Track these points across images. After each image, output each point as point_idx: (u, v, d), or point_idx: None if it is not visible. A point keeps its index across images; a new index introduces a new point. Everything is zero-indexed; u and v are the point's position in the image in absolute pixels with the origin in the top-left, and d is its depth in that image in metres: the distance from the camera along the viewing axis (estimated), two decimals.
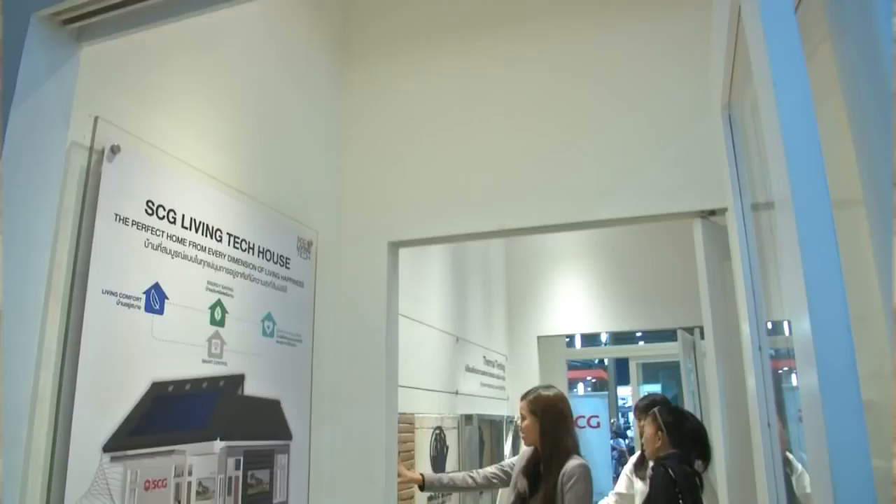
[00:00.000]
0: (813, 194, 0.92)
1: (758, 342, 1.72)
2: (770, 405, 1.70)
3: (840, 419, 0.78)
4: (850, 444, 0.77)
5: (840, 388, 0.80)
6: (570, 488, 2.77)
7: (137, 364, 1.62)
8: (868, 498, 0.74)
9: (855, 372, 0.80)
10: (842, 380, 0.80)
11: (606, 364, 16.57)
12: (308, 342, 2.39)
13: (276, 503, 2.10)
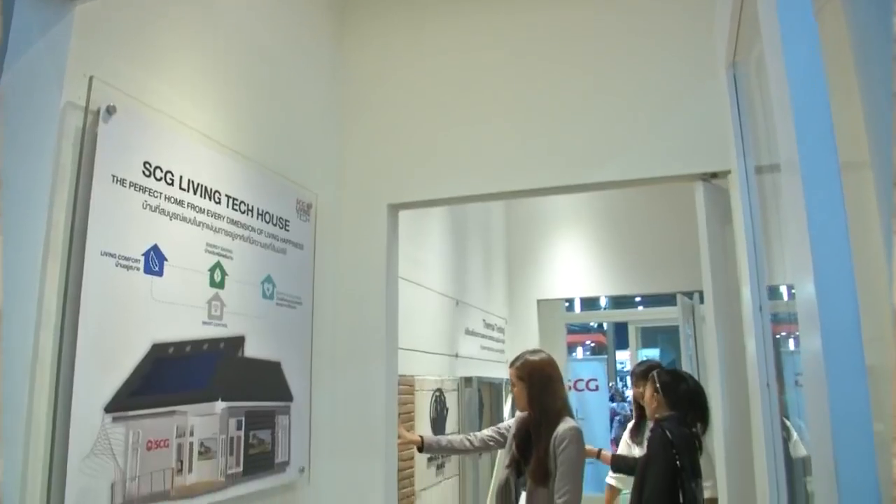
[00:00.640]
0: (820, 155, 0.90)
1: (758, 303, 1.72)
2: (770, 366, 1.70)
3: (843, 383, 0.78)
4: (853, 408, 0.77)
5: (844, 353, 0.79)
6: (562, 451, 2.79)
7: (137, 325, 1.62)
8: (868, 461, 0.74)
9: (859, 336, 0.79)
10: (846, 344, 0.80)
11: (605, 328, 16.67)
12: (308, 304, 2.39)
13: (278, 463, 2.13)
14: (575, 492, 2.73)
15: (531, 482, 2.85)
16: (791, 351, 1.97)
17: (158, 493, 1.63)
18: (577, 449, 2.79)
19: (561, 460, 2.76)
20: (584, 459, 2.86)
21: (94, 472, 1.46)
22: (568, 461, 2.76)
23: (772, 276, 1.88)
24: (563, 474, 2.74)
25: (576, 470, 2.77)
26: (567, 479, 2.73)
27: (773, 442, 1.67)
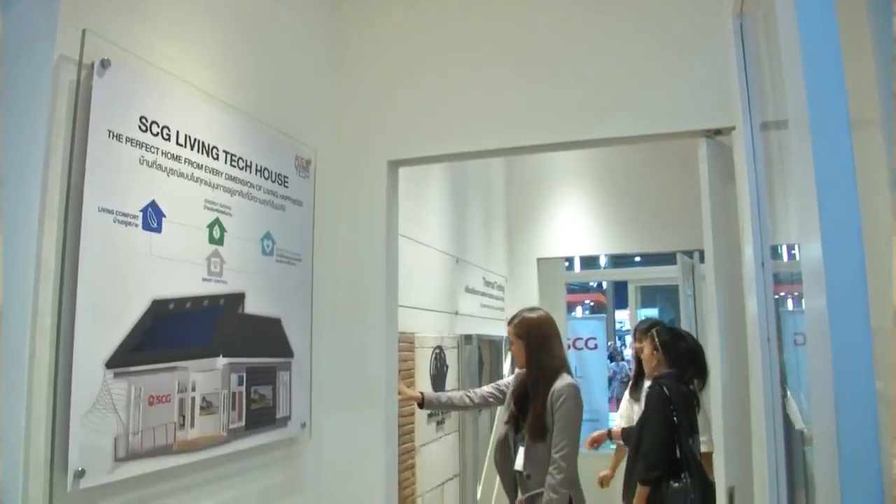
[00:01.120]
0: (831, 111, 0.88)
1: (760, 258, 1.71)
2: (771, 321, 1.70)
3: (847, 344, 0.77)
4: (856, 369, 0.77)
5: (849, 313, 0.78)
6: (559, 407, 2.82)
7: (137, 282, 1.62)
8: (870, 420, 0.74)
9: (865, 296, 0.79)
10: (851, 305, 0.79)
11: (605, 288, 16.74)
12: (308, 261, 2.39)
13: (279, 418, 2.15)
14: (571, 446, 2.78)
15: (529, 437, 2.89)
16: (789, 311, 1.98)
17: (161, 447, 1.65)
18: (573, 405, 2.83)
19: (558, 416, 2.80)
20: (581, 415, 2.90)
21: (96, 426, 1.48)
22: (565, 417, 2.79)
23: (773, 236, 1.87)
24: (560, 430, 2.78)
25: (572, 425, 2.81)
26: (564, 434, 2.77)
27: (772, 396, 1.68)
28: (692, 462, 3.14)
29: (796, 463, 1.76)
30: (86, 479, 1.44)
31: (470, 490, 4.01)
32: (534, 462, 2.88)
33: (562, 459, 2.74)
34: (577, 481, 2.85)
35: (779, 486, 1.59)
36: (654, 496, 3.13)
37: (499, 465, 3.09)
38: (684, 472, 3.12)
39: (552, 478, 2.73)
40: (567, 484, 2.75)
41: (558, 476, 2.73)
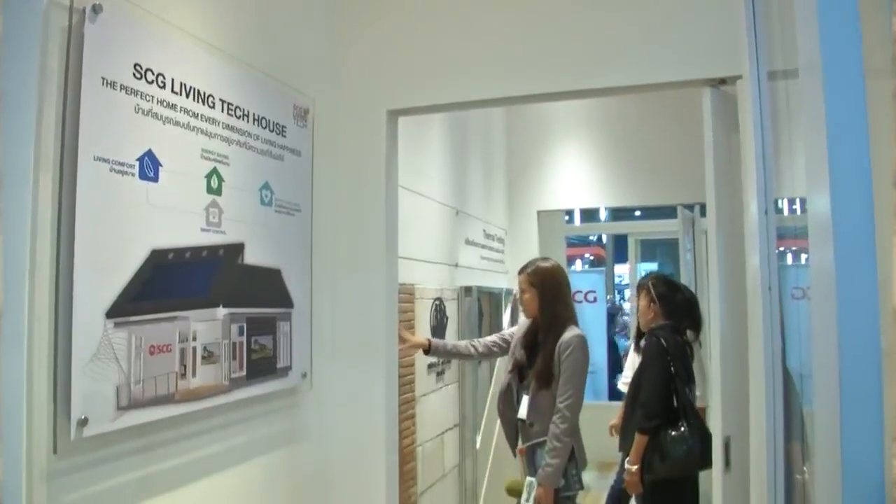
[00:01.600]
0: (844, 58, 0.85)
1: (764, 206, 1.69)
2: (773, 268, 1.69)
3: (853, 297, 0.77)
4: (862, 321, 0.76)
5: (856, 267, 0.78)
6: (566, 358, 2.85)
7: (135, 232, 1.61)
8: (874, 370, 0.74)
9: (873, 250, 0.77)
10: (858, 258, 0.78)
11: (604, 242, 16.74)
12: (307, 212, 2.37)
13: (280, 367, 2.17)
14: (577, 396, 2.83)
15: (535, 384, 2.93)
16: (788, 265, 1.97)
17: (163, 397, 1.66)
18: (581, 356, 2.86)
19: (565, 367, 2.83)
20: (587, 367, 2.93)
21: (98, 375, 1.48)
22: (572, 367, 2.83)
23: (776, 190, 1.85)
24: (567, 380, 2.82)
25: (578, 376, 2.85)
26: (570, 384, 2.81)
27: (772, 345, 1.68)
28: (690, 411, 3.18)
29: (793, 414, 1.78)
30: (89, 428, 1.46)
31: (469, 439, 4.08)
32: (537, 410, 2.92)
33: (567, 409, 2.78)
34: (578, 431, 2.89)
35: (776, 436, 1.61)
36: (653, 444, 3.18)
37: (501, 414, 3.13)
38: (682, 420, 3.17)
39: (556, 427, 2.78)
40: (570, 433, 2.79)
41: (562, 426, 2.77)
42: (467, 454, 4.07)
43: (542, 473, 2.78)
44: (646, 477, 3.23)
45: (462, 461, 4.06)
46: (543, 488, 2.77)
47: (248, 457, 2.09)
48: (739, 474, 2.13)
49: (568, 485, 2.84)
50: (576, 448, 2.87)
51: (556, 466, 2.76)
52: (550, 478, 2.76)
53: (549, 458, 2.77)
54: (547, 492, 2.77)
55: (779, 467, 1.60)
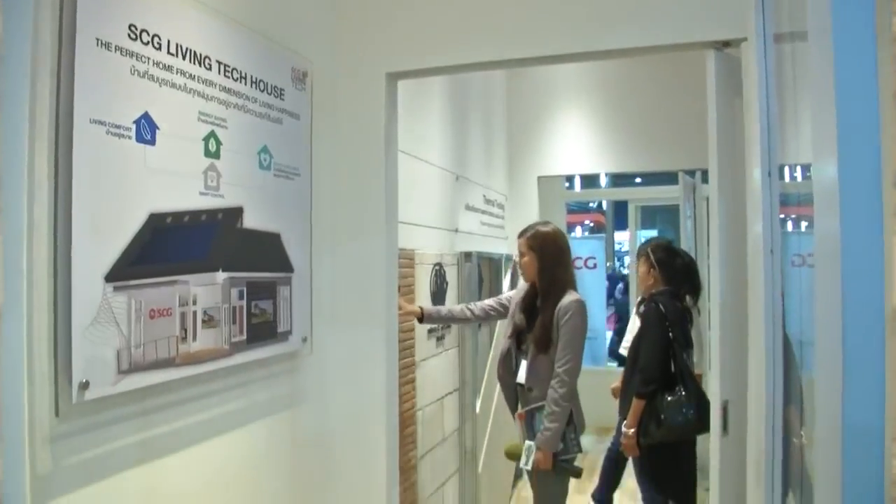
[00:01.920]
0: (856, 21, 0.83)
1: (767, 167, 1.67)
2: (775, 231, 1.69)
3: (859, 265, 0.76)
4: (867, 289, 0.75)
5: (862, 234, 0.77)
6: (565, 322, 2.87)
7: (133, 195, 1.59)
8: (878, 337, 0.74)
9: (881, 217, 0.76)
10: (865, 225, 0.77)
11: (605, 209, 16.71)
12: (306, 176, 2.35)
13: (281, 332, 2.17)
14: (575, 361, 2.86)
15: (533, 349, 2.95)
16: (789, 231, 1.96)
17: (164, 360, 1.67)
18: (579, 321, 2.88)
19: (563, 331, 2.85)
20: (586, 332, 2.96)
21: (98, 339, 1.48)
22: (570, 332, 2.85)
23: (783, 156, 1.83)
24: (565, 345, 2.84)
25: (577, 340, 2.88)
26: (569, 349, 2.84)
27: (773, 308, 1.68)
28: (687, 376, 3.21)
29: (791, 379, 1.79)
30: (90, 391, 1.46)
31: (469, 404, 4.11)
32: (535, 375, 2.95)
33: (565, 374, 2.81)
34: (576, 395, 2.92)
35: (775, 400, 1.62)
36: (650, 408, 3.22)
37: (501, 378, 3.16)
38: (679, 385, 3.20)
39: (555, 391, 2.81)
40: (569, 397, 2.82)
41: (561, 390, 2.80)
42: (467, 418, 4.11)
43: (541, 437, 2.82)
44: (642, 441, 3.27)
45: (462, 425, 4.11)
46: (542, 452, 2.81)
47: (249, 420, 2.11)
48: (736, 438, 2.16)
49: (566, 448, 2.89)
50: (574, 412, 2.90)
51: (554, 431, 2.80)
52: (549, 442, 2.81)
53: (548, 422, 2.81)
54: (546, 455, 2.81)
55: (777, 431, 1.61)
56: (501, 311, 3.29)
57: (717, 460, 2.16)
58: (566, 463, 2.93)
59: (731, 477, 2.22)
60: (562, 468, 2.91)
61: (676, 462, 3.35)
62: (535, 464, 2.83)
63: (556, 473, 2.92)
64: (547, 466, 2.84)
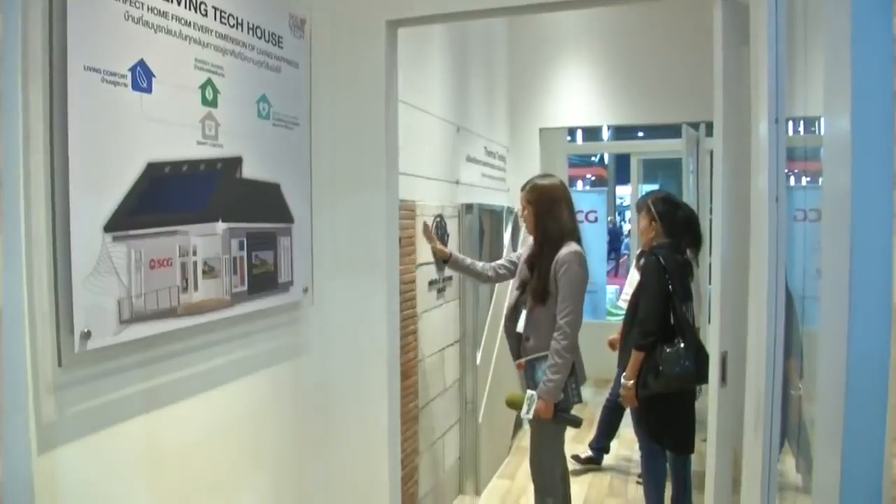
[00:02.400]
0: None
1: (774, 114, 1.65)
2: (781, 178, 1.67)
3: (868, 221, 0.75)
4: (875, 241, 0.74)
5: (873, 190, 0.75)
6: (563, 274, 2.89)
7: (130, 144, 1.57)
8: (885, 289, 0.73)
9: (891, 174, 0.75)
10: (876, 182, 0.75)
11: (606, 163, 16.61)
12: (306, 126, 2.32)
13: (282, 283, 2.17)
14: (576, 312, 2.89)
15: (531, 300, 3.01)
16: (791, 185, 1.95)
17: (166, 310, 1.67)
18: (577, 271, 2.90)
19: (562, 283, 2.87)
20: (585, 282, 2.97)
21: (98, 289, 1.48)
22: (569, 283, 2.87)
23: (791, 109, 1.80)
24: (565, 296, 2.87)
25: (576, 291, 2.90)
26: (568, 300, 2.86)
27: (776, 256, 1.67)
28: (686, 328, 3.23)
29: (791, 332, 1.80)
30: (93, 341, 1.47)
31: (470, 356, 4.15)
32: (533, 325, 2.99)
33: (567, 325, 2.84)
34: (577, 347, 2.95)
35: (776, 350, 1.63)
36: (649, 360, 3.24)
37: (506, 329, 3.23)
38: (678, 337, 3.21)
39: (557, 343, 2.84)
40: (570, 349, 2.86)
41: (563, 342, 2.84)
42: (468, 370, 4.15)
43: (544, 388, 2.86)
44: (640, 392, 3.31)
45: (462, 376, 4.15)
46: (544, 401, 2.86)
47: (251, 370, 2.12)
48: (735, 389, 2.17)
49: (567, 398, 2.93)
50: (576, 363, 2.94)
51: (557, 381, 2.84)
52: (551, 392, 2.85)
53: (551, 373, 2.84)
54: (547, 405, 2.86)
55: (777, 382, 1.63)
56: (512, 270, 3.37)
57: (715, 410, 2.18)
58: (566, 413, 2.98)
59: (728, 427, 2.25)
60: (562, 418, 2.96)
61: (674, 413, 3.39)
62: (537, 413, 2.87)
63: (556, 423, 2.97)
64: (548, 416, 2.88)
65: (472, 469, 4.19)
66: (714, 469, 2.21)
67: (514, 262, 3.35)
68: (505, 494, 4.23)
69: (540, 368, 2.94)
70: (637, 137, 10.24)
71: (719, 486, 2.23)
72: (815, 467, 1.00)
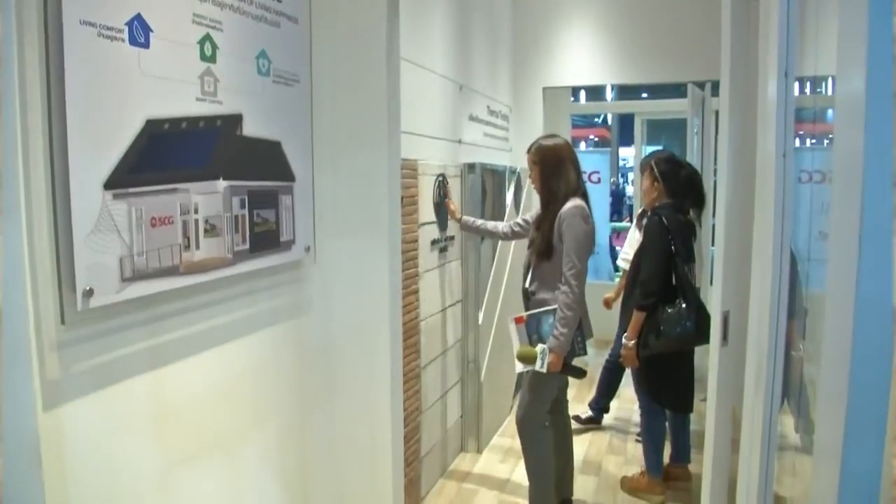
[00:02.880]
0: None
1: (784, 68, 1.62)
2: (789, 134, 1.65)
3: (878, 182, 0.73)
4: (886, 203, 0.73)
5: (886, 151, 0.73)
6: (565, 229, 3.00)
7: (128, 101, 1.55)
8: None
9: None
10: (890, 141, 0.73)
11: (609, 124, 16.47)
12: (306, 83, 2.28)
13: (283, 241, 2.16)
14: (580, 265, 2.98)
15: (535, 256, 3.14)
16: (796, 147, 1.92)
17: (167, 268, 1.67)
18: (580, 225, 2.99)
19: (566, 238, 2.99)
20: (589, 236, 3.05)
21: (100, 247, 1.47)
22: (573, 238, 2.97)
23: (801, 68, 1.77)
24: (568, 251, 2.98)
25: (578, 246, 2.99)
26: (572, 254, 2.97)
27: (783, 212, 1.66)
28: (688, 288, 3.23)
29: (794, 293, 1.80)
30: (95, 298, 1.47)
31: (472, 315, 4.17)
32: (538, 279, 3.12)
33: (572, 278, 2.94)
34: (584, 301, 3.05)
35: (779, 310, 1.62)
36: (650, 320, 3.26)
37: (522, 287, 3.32)
38: (679, 297, 3.22)
39: (565, 296, 2.94)
40: (577, 301, 2.95)
41: (570, 295, 2.94)
42: (470, 329, 4.17)
43: (554, 341, 2.96)
44: (641, 352, 3.33)
45: (464, 336, 4.18)
46: (555, 354, 2.96)
47: (254, 329, 2.13)
48: (736, 348, 2.18)
49: (573, 351, 3.08)
50: (582, 318, 3.06)
51: (566, 335, 2.95)
52: (561, 345, 2.96)
53: (560, 326, 2.95)
54: (558, 357, 2.97)
55: (780, 341, 1.63)
56: (526, 228, 3.46)
57: (716, 369, 2.20)
58: (572, 365, 3.11)
59: (728, 385, 2.26)
60: (568, 369, 3.09)
61: (674, 373, 3.42)
62: (549, 366, 2.98)
63: (561, 374, 3.10)
64: (557, 368, 2.98)
65: (474, 427, 4.25)
66: (713, 427, 2.24)
67: (528, 222, 3.45)
68: (506, 452, 4.30)
69: (546, 322, 3.04)
70: (641, 98, 10.11)
71: (718, 445, 2.26)
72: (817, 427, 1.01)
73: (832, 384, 0.85)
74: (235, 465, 2.07)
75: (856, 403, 0.78)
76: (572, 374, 3.17)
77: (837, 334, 0.80)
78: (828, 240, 1.02)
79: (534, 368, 3.00)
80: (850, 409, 0.79)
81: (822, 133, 2.07)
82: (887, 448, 0.73)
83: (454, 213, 3.65)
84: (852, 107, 0.85)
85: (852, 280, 0.79)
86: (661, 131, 13.22)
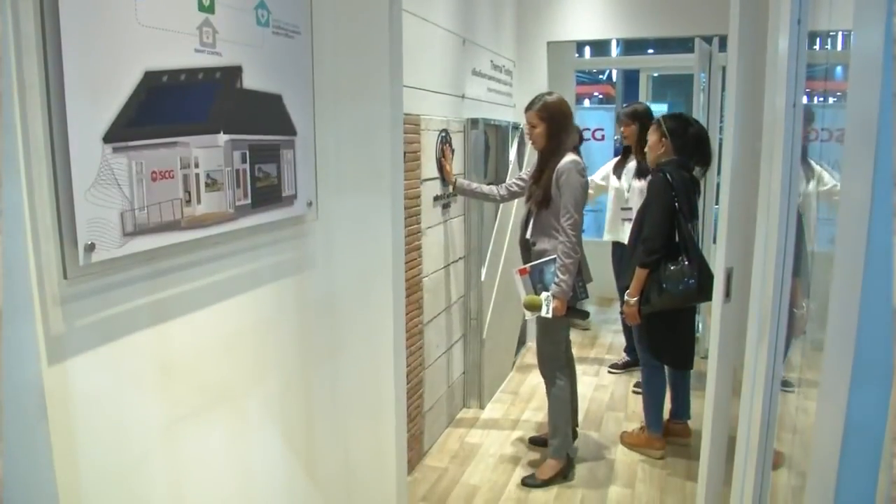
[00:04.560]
0: None
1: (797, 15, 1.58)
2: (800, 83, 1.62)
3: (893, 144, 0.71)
4: None
5: None
6: (563, 182, 3.16)
7: (126, 52, 1.51)
8: None
9: None
10: None
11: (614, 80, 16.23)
12: (307, 35, 2.24)
13: (285, 196, 2.15)
14: (577, 216, 3.15)
15: (534, 206, 3.29)
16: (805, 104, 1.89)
17: (169, 223, 1.66)
18: (576, 178, 3.17)
19: (563, 190, 3.15)
20: (584, 188, 3.22)
21: (100, 201, 1.46)
22: (568, 190, 3.14)
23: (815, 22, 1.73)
24: (566, 202, 3.14)
25: (576, 198, 3.16)
26: (570, 206, 3.14)
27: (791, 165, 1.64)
28: (690, 246, 3.23)
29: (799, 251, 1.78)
30: (97, 253, 1.46)
31: (475, 272, 4.17)
32: (538, 230, 3.28)
33: (570, 228, 3.11)
34: (581, 248, 3.22)
35: (785, 264, 1.62)
36: (653, 277, 3.27)
37: (520, 242, 3.48)
38: (682, 255, 3.22)
39: (564, 246, 3.12)
40: (575, 249, 3.14)
41: (568, 243, 3.11)
42: (472, 286, 4.18)
43: (557, 288, 3.15)
44: (643, 309, 3.34)
45: (467, 292, 4.19)
46: (559, 300, 3.15)
47: (257, 284, 2.13)
48: (738, 305, 2.19)
49: (575, 296, 3.27)
50: (581, 263, 3.25)
51: (566, 281, 3.14)
52: (564, 291, 3.15)
53: (561, 273, 3.13)
54: (562, 303, 3.16)
55: (785, 297, 1.62)
56: (524, 187, 3.53)
57: (718, 325, 2.20)
58: (574, 308, 3.33)
59: (729, 341, 2.27)
60: (573, 312, 3.33)
61: (675, 330, 3.44)
62: (554, 311, 3.14)
63: (567, 317, 3.31)
64: (562, 312, 3.18)
65: (477, 383, 4.29)
66: (714, 383, 2.25)
67: (524, 180, 3.53)
68: (509, 407, 4.35)
69: (548, 271, 3.20)
70: (647, 54, 9.94)
71: (719, 400, 2.28)
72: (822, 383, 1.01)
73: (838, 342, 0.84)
74: (240, 419, 2.09)
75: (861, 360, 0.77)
76: (576, 317, 3.46)
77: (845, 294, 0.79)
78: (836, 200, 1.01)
79: (540, 314, 3.17)
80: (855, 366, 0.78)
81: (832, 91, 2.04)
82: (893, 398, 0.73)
83: (449, 176, 3.67)
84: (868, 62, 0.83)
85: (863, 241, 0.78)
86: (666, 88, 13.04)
